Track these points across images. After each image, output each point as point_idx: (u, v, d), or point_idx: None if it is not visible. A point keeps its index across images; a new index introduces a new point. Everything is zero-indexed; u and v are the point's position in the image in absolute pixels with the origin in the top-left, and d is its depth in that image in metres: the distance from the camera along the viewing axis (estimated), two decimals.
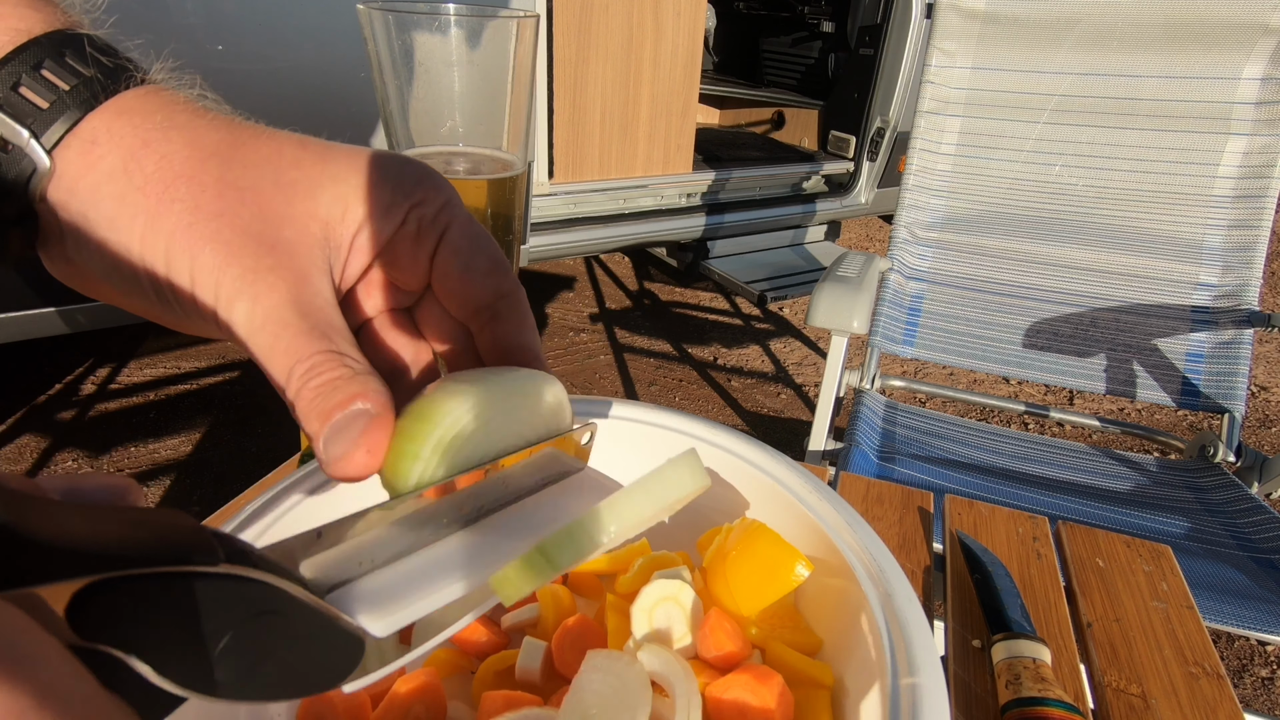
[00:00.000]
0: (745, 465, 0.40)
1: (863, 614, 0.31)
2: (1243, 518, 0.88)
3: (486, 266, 0.23)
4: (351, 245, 0.22)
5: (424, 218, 0.23)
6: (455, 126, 0.38)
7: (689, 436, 0.42)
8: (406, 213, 0.22)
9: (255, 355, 0.20)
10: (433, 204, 0.23)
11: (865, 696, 0.29)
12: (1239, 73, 1.06)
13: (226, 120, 0.22)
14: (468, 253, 0.23)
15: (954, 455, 1.02)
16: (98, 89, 0.20)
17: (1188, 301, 1.11)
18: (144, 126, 0.20)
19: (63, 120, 0.19)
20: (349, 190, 0.22)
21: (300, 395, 0.19)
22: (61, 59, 0.20)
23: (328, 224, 0.21)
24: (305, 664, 0.16)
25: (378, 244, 0.23)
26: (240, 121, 0.22)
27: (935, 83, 1.23)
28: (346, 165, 0.22)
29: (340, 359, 0.20)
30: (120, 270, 0.20)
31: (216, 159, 0.20)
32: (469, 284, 0.23)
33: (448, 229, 0.23)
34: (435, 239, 0.23)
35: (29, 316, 1.19)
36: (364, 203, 0.22)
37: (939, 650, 0.29)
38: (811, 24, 2.72)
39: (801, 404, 2.02)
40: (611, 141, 1.91)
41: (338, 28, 1.23)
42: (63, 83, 0.20)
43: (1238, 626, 0.68)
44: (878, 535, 0.34)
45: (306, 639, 0.16)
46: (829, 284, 1.02)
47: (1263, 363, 2.37)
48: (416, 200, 0.22)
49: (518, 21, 0.36)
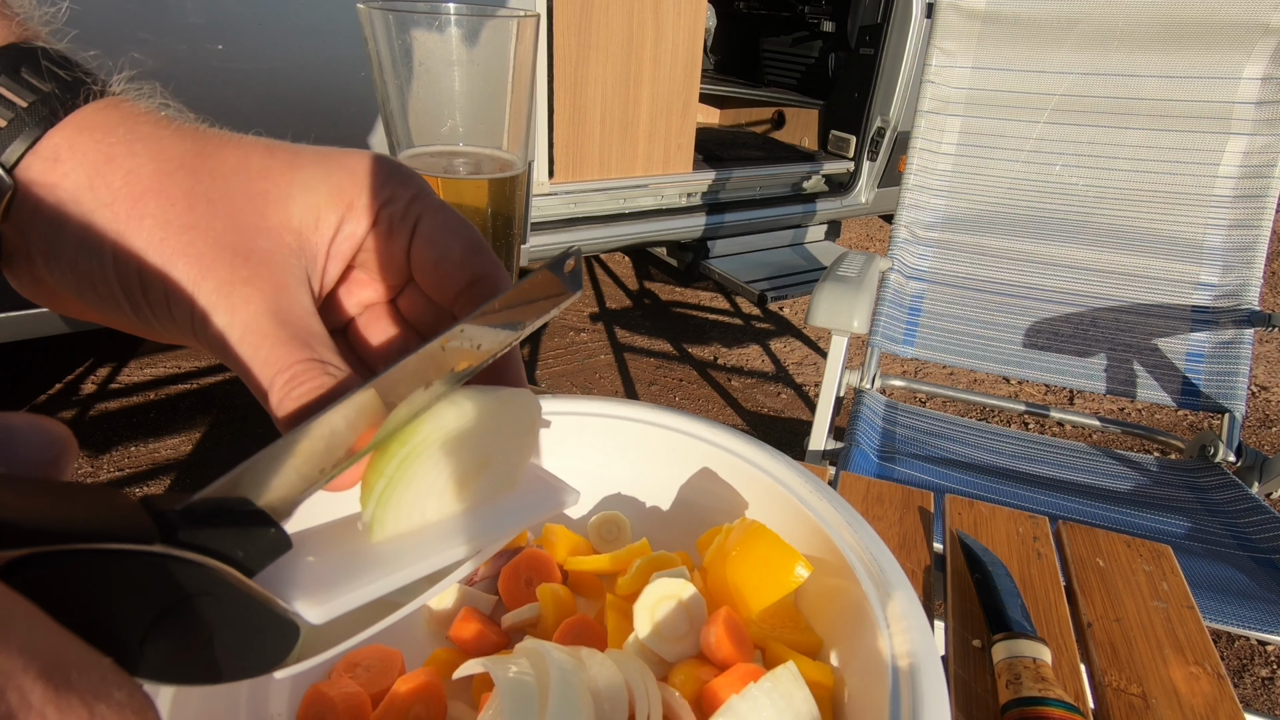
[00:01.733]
0: (745, 465, 0.40)
1: (863, 613, 0.31)
2: (1243, 518, 0.88)
3: (461, 253, 0.23)
4: (328, 253, 0.22)
5: (394, 214, 0.23)
6: (455, 126, 0.38)
7: (689, 436, 0.42)
8: (377, 212, 0.23)
9: (236, 366, 0.20)
10: (401, 199, 0.23)
11: (866, 695, 0.29)
12: (1239, 73, 1.06)
13: (191, 129, 0.22)
14: (441, 243, 0.23)
15: (954, 455, 1.02)
16: (56, 105, 0.20)
17: (1188, 301, 1.11)
18: (106, 141, 0.20)
19: (22, 138, 0.19)
20: (319, 199, 0.22)
21: (282, 406, 0.19)
22: (17, 74, 0.19)
23: (301, 234, 0.22)
24: (239, 648, 0.16)
25: (353, 247, 0.23)
26: (204, 130, 0.22)
27: (935, 82, 1.23)
28: (315, 172, 0.22)
29: (322, 367, 0.19)
30: (95, 288, 0.20)
31: (184, 170, 0.20)
32: (444, 273, 0.23)
33: (419, 221, 0.23)
34: (408, 233, 0.23)
35: (29, 316, 1.19)
36: (335, 209, 0.22)
37: (939, 650, 0.29)
38: (811, 24, 2.72)
39: (801, 404, 2.02)
40: (611, 141, 1.91)
41: (338, 27, 1.23)
42: (20, 99, 0.19)
43: (1238, 626, 0.68)
44: (878, 534, 0.34)
45: (241, 623, 0.16)
46: (829, 284, 1.02)
47: (1263, 363, 2.37)
48: (385, 198, 0.23)
49: (518, 21, 0.36)
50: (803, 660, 0.32)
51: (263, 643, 0.17)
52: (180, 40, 1.11)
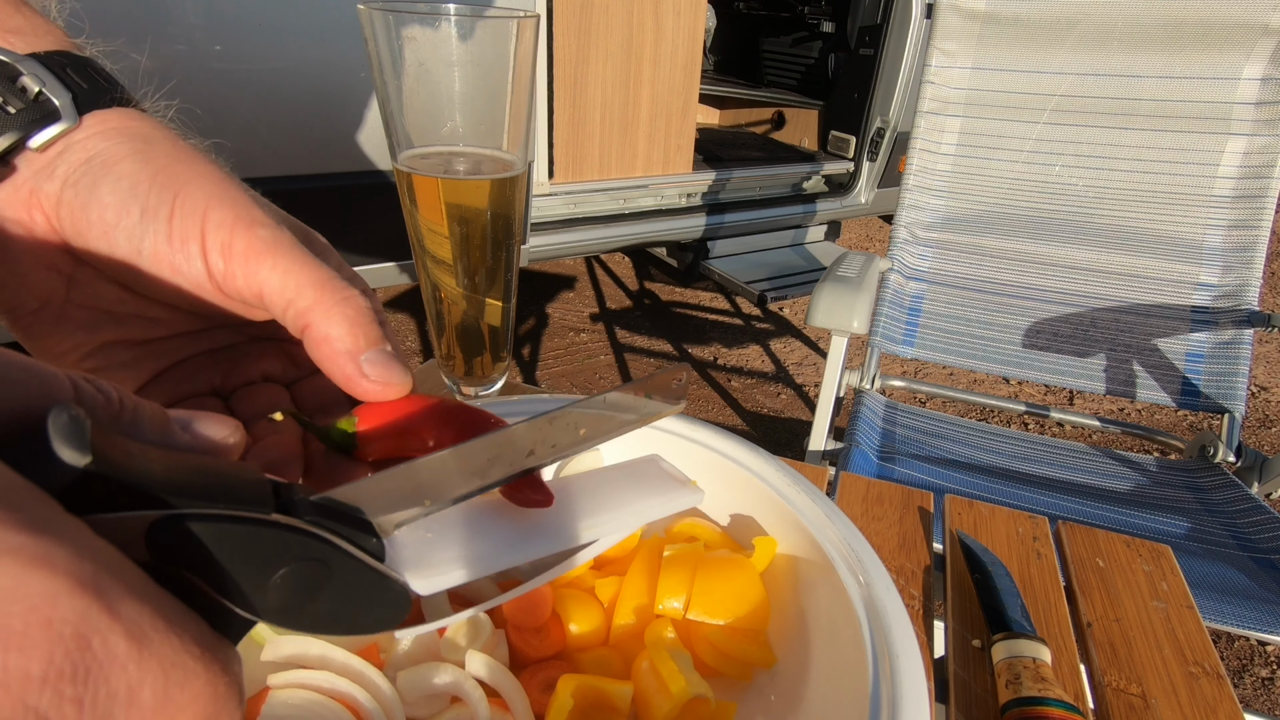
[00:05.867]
0: (725, 461, 0.40)
1: (841, 603, 0.31)
2: (1243, 518, 0.88)
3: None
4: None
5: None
6: (455, 126, 0.38)
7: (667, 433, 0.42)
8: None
9: (264, 259, 0.22)
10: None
11: (846, 686, 0.29)
12: (1239, 73, 1.06)
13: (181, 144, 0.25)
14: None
15: (954, 455, 1.02)
16: (104, 95, 0.23)
17: (1188, 301, 1.11)
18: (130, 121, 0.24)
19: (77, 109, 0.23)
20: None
21: (340, 308, 0.22)
22: (84, 72, 0.24)
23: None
24: (355, 608, 0.18)
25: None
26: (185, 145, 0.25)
27: (935, 83, 1.23)
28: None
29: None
30: (120, 184, 0.22)
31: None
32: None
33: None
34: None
35: None
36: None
37: (913, 630, 0.29)
38: (811, 24, 2.72)
39: (801, 404, 2.02)
40: (611, 141, 1.91)
41: (338, 27, 1.23)
42: (79, 85, 0.23)
43: (1238, 626, 0.68)
44: (856, 527, 0.35)
45: (354, 588, 0.18)
46: (829, 284, 1.02)
47: (1263, 363, 2.37)
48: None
49: (518, 21, 0.36)
50: (602, 681, 0.32)
51: (379, 606, 0.19)
52: (179, 41, 1.11)
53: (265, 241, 0.22)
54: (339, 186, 1.34)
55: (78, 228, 0.22)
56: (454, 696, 0.31)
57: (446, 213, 0.39)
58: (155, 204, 0.22)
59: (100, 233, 0.22)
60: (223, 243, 0.22)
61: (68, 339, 0.24)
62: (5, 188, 0.22)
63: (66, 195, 0.22)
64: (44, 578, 0.11)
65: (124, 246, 0.22)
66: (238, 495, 0.16)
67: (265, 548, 0.16)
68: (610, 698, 0.31)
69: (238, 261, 0.22)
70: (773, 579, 0.37)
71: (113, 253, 0.22)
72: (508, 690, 0.30)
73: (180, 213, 0.22)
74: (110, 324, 0.24)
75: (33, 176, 0.22)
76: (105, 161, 0.22)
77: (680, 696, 0.30)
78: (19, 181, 0.22)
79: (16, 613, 0.10)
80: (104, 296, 0.24)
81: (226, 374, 0.26)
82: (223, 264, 0.22)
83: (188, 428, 0.18)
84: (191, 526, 0.15)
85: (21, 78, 0.22)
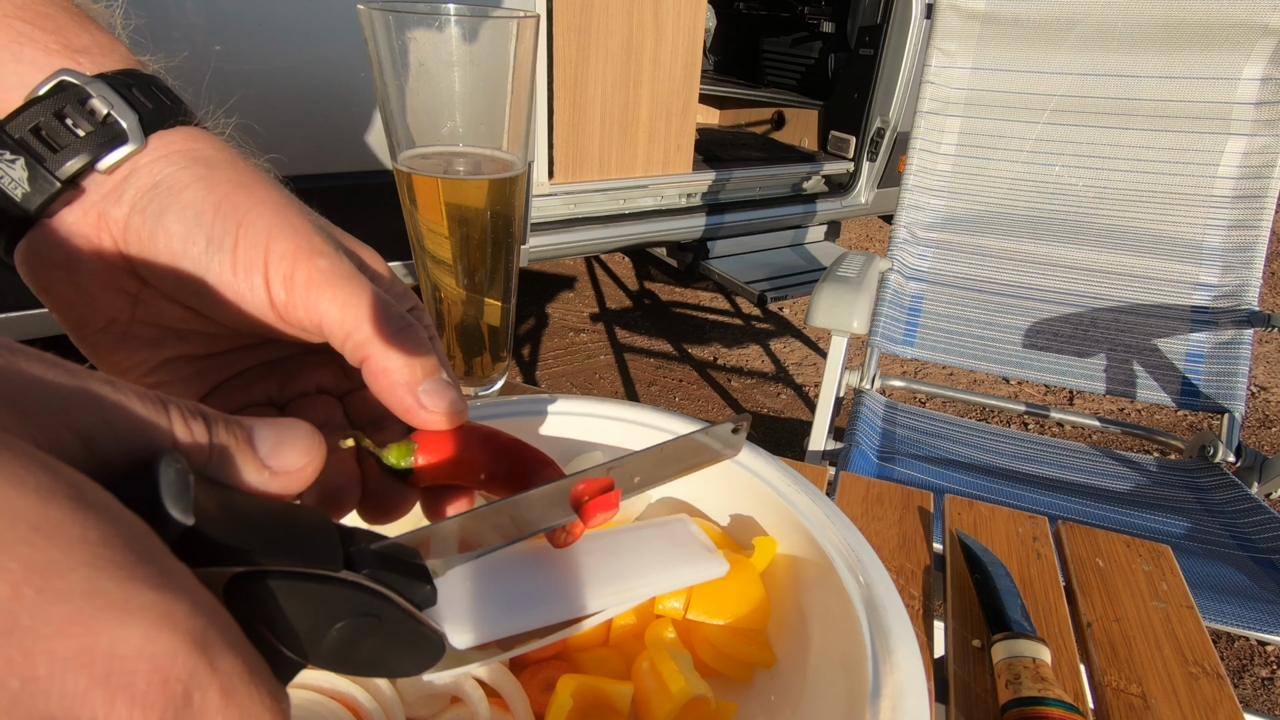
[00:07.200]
0: (725, 461, 0.40)
1: (841, 603, 0.31)
2: (1243, 518, 0.88)
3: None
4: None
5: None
6: (455, 126, 0.38)
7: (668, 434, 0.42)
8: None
9: (325, 290, 0.22)
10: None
11: (845, 680, 0.29)
12: (1239, 73, 1.06)
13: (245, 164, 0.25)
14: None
15: (954, 455, 1.02)
16: (169, 115, 0.24)
17: (1188, 301, 1.11)
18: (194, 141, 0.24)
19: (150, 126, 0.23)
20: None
21: (397, 341, 0.23)
22: (149, 91, 0.24)
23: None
24: (395, 654, 0.19)
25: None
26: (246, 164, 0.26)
27: (935, 83, 1.23)
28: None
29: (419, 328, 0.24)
30: (185, 213, 0.22)
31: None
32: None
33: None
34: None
35: (29, 316, 1.19)
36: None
37: (913, 631, 0.29)
38: (811, 24, 2.72)
39: (801, 404, 2.02)
40: (611, 141, 1.91)
41: (338, 27, 1.23)
42: (146, 103, 0.24)
43: (1238, 626, 0.68)
44: (856, 527, 0.35)
45: (398, 637, 0.19)
46: (829, 284, 1.02)
47: (1263, 363, 2.37)
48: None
49: (518, 21, 0.36)
50: (602, 682, 0.32)
51: (417, 652, 0.20)
52: (180, 42, 1.11)
53: (325, 273, 0.22)
54: (339, 186, 1.34)
55: (145, 253, 0.22)
56: (454, 696, 0.31)
57: (446, 213, 0.39)
58: (220, 234, 0.22)
59: (167, 260, 0.22)
60: (285, 274, 0.22)
61: (132, 355, 0.24)
62: (74, 210, 0.22)
63: (134, 222, 0.22)
64: (168, 638, 0.12)
65: (190, 273, 0.22)
66: (310, 550, 0.17)
67: (330, 603, 0.17)
68: (610, 698, 0.31)
69: (299, 293, 0.22)
70: (773, 579, 0.37)
71: (179, 278, 0.23)
72: (508, 690, 0.30)
73: (244, 243, 0.22)
74: (173, 341, 0.25)
75: (101, 200, 0.22)
76: (170, 188, 0.22)
77: (680, 697, 0.30)
78: (87, 205, 0.22)
79: (141, 671, 0.11)
80: (167, 315, 0.24)
81: (282, 385, 0.27)
82: (285, 295, 0.22)
83: (272, 455, 0.18)
84: (270, 584, 0.16)
85: (91, 100, 0.22)
